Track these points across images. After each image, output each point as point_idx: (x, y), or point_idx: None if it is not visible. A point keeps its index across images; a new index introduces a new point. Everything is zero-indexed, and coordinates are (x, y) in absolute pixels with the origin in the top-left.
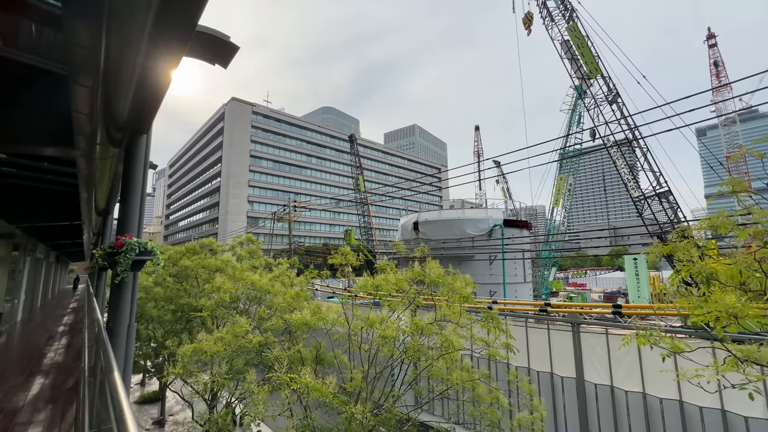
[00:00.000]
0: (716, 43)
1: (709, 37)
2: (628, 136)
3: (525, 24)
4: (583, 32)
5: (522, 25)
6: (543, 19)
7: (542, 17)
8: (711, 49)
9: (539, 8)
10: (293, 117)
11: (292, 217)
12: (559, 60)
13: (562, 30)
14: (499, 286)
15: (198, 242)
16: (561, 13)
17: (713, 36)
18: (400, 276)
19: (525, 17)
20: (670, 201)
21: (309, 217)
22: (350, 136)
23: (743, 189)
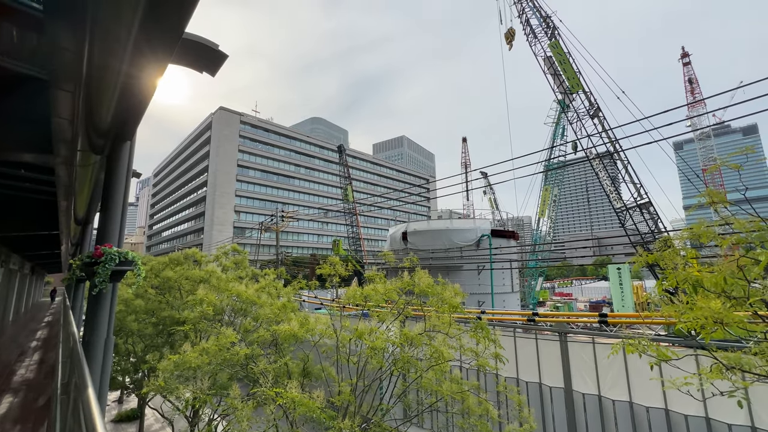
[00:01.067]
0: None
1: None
2: (610, 149)
3: (507, 39)
4: (564, 49)
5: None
6: (526, 36)
7: (525, 34)
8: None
9: (523, 25)
10: (282, 127)
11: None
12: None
13: (544, 46)
14: (488, 296)
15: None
16: (543, 30)
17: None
18: (389, 286)
19: (507, 33)
20: (651, 212)
21: (297, 228)
22: (339, 146)
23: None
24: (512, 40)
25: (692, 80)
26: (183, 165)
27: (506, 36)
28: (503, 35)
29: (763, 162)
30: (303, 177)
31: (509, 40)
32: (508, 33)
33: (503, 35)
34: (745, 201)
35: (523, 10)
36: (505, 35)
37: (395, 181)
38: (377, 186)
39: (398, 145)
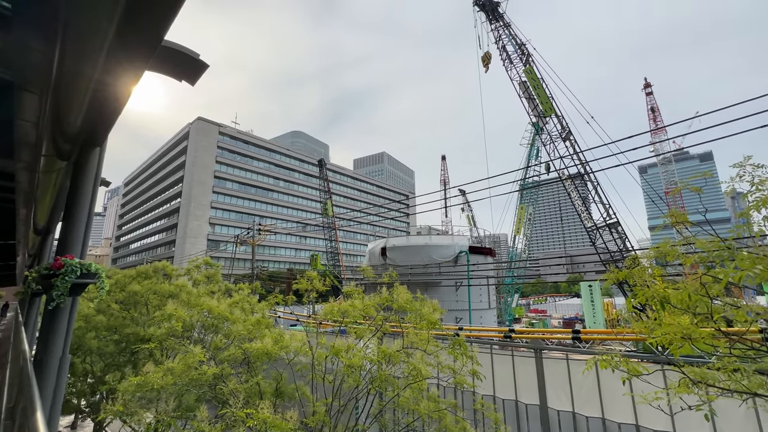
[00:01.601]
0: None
1: (646, 85)
2: (580, 171)
3: (484, 62)
4: (538, 75)
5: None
6: (503, 61)
7: (502, 59)
8: (648, 96)
9: (499, 51)
10: (261, 139)
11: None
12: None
13: (519, 72)
14: (465, 313)
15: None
16: (519, 56)
17: (649, 85)
18: (367, 302)
19: (484, 56)
20: (619, 231)
21: (274, 242)
22: (320, 160)
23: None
24: (489, 63)
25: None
26: (157, 174)
27: (483, 59)
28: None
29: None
30: (282, 190)
31: (486, 63)
32: (485, 56)
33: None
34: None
35: (500, 36)
36: (482, 58)
37: (375, 197)
38: (357, 201)
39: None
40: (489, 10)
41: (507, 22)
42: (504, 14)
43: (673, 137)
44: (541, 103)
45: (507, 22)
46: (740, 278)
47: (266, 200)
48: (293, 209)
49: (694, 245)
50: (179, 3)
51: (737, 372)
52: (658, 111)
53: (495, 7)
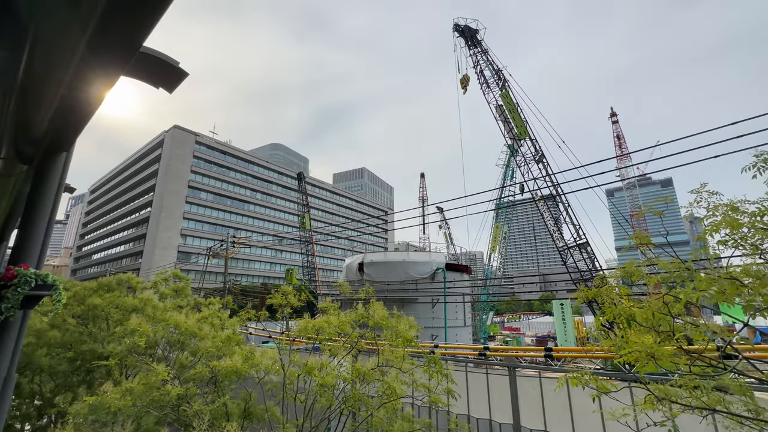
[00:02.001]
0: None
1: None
2: (553, 192)
3: (462, 84)
4: (514, 99)
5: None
6: (480, 84)
7: (480, 83)
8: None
9: (477, 75)
10: (240, 150)
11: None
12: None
13: (496, 96)
14: (441, 330)
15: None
16: (495, 81)
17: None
18: (343, 318)
19: (462, 79)
20: (588, 251)
21: (249, 255)
22: (299, 173)
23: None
24: (467, 85)
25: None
26: (126, 182)
27: (461, 82)
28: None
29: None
30: (259, 202)
31: (464, 85)
32: (464, 79)
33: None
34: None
35: (478, 62)
36: (461, 81)
37: (354, 212)
38: (336, 215)
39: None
40: (468, 37)
41: (485, 49)
42: (482, 41)
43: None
44: (516, 126)
45: (485, 48)
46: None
47: (242, 212)
48: (270, 222)
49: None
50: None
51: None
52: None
53: (474, 34)
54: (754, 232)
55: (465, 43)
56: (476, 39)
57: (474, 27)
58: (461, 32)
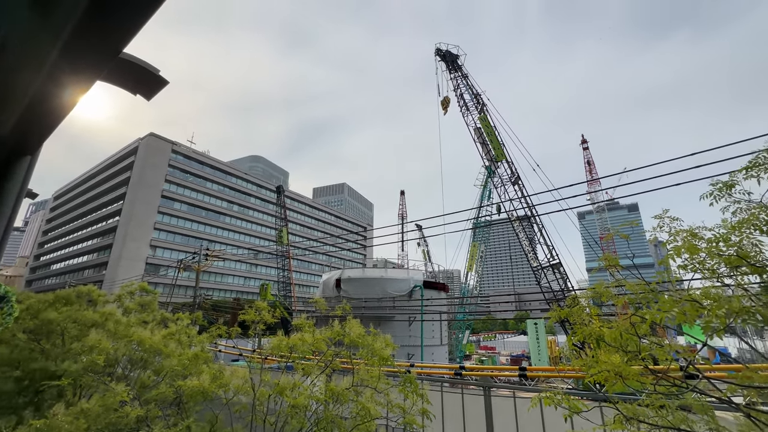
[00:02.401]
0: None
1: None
2: (527, 213)
3: (443, 106)
4: (491, 123)
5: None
6: (460, 107)
7: (459, 106)
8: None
9: (457, 98)
10: (218, 161)
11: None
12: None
13: (475, 119)
14: (418, 349)
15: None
16: (474, 105)
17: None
18: (318, 335)
19: (443, 100)
20: (561, 272)
21: (222, 268)
22: (278, 186)
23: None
24: (447, 107)
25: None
26: (95, 189)
27: (442, 103)
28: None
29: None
30: (235, 215)
31: (445, 107)
32: (444, 101)
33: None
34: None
35: (458, 85)
36: (441, 102)
37: (333, 227)
38: (314, 230)
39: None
40: (449, 61)
41: (465, 74)
42: (462, 66)
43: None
44: (493, 148)
45: (465, 73)
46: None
47: (217, 224)
48: (246, 235)
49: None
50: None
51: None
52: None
53: (455, 59)
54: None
55: (446, 67)
56: (457, 64)
57: (455, 52)
58: (443, 56)
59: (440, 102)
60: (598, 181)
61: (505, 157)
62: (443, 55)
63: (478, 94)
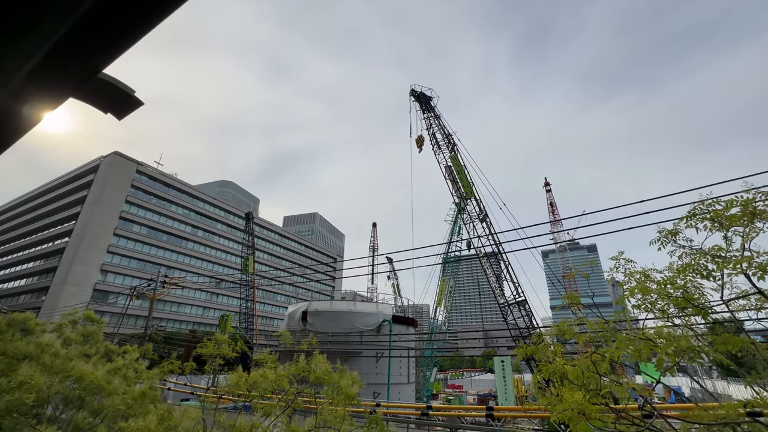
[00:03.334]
0: (551, 189)
1: (546, 184)
2: (495, 250)
3: (418, 144)
4: (462, 162)
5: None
6: (432, 145)
7: (431, 144)
8: (548, 193)
9: (429, 137)
10: (185, 184)
11: (156, 295)
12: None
13: (446, 157)
14: (384, 387)
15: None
16: (446, 144)
17: (549, 184)
18: (281, 372)
19: (418, 139)
20: (527, 309)
21: (179, 297)
22: (247, 213)
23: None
24: (422, 145)
25: (553, 204)
26: (44, 207)
27: (417, 141)
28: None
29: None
30: (199, 240)
31: (419, 145)
32: (419, 139)
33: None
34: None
35: (431, 125)
36: (416, 141)
37: (302, 257)
38: (282, 260)
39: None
40: (423, 102)
41: (437, 114)
42: (435, 107)
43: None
44: (463, 186)
45: (437, 114)
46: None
47: (179, 249)
48: (209, 262)
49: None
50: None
51: None
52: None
53: (428, 100)
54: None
55: (420, 107)
56: (430, 105)
57: (428, 94)
58: (417, 97)
59: (415, 140)
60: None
61: (474, 195)
62: (417, 96)
63: (449, 134)
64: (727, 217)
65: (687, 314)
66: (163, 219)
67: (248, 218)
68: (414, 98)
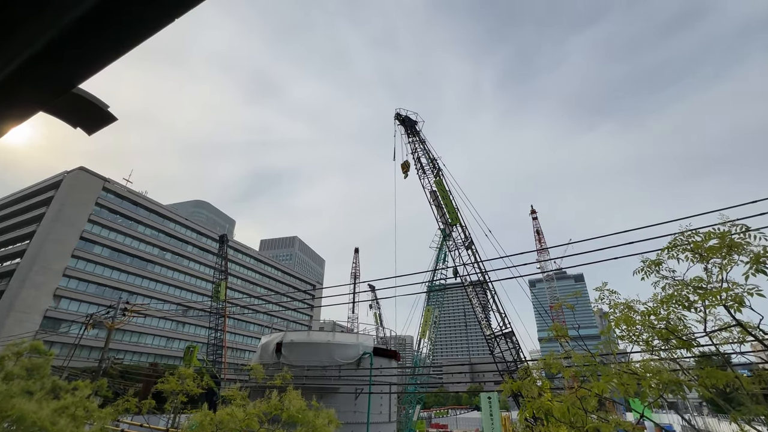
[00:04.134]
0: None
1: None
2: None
3: (403, 169)
4: (447, 187)
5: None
6: (417, 170)
7: (416, 168)
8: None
9: (414, 161)
10: (155, 203)
11: (115, 324)
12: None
13: (431, 182)
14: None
15: None
16: (431, 169)
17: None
18: (251, 410)
19: (403, 164)
20: (514, 341)
21: (141, 326)
22: (221, 236)
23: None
24: (408, 170)
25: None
26: None
27: (402, 167)
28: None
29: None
30: (167, 264)
31: (405, 170)
32: (404, 164)
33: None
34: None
35: (416, 149)
36: (402, 166)
37: (279, 284)
38: (257, 286)
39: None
40: (408, 126)
41: (422, 139)
42: (420, 132)
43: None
44: (448, 212)
45: (422, 138)
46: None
47: (144, 273)
48: (177, 288)
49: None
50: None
51: None
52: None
53: (413, 124)
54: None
55: (405, 131)
56: (415, 129)
57: (414, 118)
58: (402, 121)
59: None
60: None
61: (459, 221)
62: (402, 120)
63: (434, 158)
64: (707, 249)
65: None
66: (129, 240)
67: (222, 241)
68: (399, 122)
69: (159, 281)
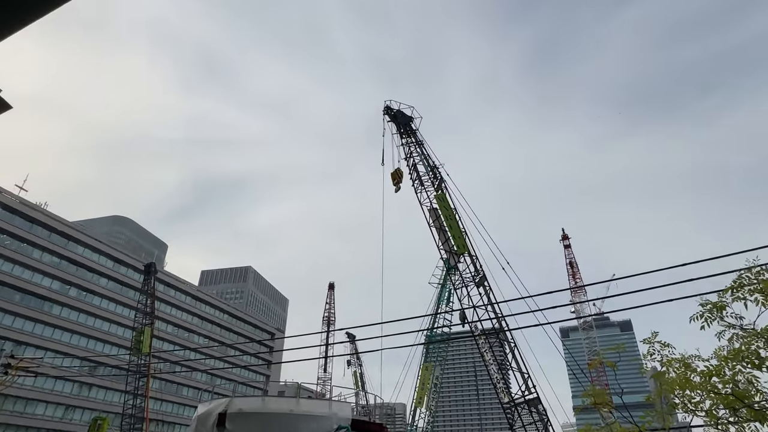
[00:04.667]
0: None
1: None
2: (496, 326)
3: (393, 179)
4: (451, 204)
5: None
6: (412, 181)
7: (411, 179)
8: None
9: (409, 169)
10: (58, 219)
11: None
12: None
13: (430, 196)
14: None
15: None
16: (430, 179)
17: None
18: None
19: (394, 173)
20: (540, 411)
21: (31, 389)
22: (148, 264)
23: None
24: (400, 181)
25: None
26: None
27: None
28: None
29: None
30: (71, 302)
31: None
32: (396, 173)
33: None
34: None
35: (411, 153)
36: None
37: (225, 331)
38: (195, 334)
39: (240, 279)
40: (401, 123)
41: (420, 140)
42: (417, 131)
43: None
44: (453, 236)
45: (420, 140)
46: None
47: (38, 316)
48: (83, 336)
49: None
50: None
51: None
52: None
53: (408, 121)
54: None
55: (397, 130)
56: (410, 127)
57: (409, 114)
58: (393, 117)
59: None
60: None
61: (468, 249)
62: (394, 115)
63: (435, 166)
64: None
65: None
66: (19, 269)
67: (149, 272)
68: (390, 118)
69: (58, 327)
